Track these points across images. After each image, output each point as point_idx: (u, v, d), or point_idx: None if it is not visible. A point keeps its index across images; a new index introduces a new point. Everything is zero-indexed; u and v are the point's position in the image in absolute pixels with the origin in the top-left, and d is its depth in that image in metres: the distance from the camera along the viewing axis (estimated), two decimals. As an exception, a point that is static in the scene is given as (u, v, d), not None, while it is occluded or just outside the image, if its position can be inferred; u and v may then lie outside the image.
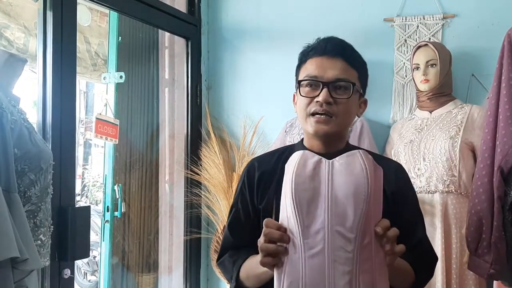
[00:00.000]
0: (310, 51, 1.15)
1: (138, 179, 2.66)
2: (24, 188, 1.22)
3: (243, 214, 1.20)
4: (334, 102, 1.09)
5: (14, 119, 1.18)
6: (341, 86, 1.10)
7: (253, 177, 1.18)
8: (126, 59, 2.65)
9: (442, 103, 2.02)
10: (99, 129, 2.03)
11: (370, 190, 0.90)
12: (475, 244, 1.38)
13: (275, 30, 2.53)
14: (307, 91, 1.11)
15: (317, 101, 1.09)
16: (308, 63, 1.14)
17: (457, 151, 1.89)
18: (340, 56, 1.11)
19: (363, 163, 0.93)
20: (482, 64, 2.11)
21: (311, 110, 1.10)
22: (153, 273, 2.68)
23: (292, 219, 0.93)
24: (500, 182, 1.33)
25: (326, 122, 1.09)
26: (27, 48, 2.59)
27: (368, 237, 0.90)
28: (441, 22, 2.21)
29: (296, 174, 0.93)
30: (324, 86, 1.09)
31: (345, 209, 0.90)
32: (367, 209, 0.89)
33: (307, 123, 1.11)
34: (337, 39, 1.17)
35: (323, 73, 1.10)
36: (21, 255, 1.10)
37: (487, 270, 1.36)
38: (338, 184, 0.92)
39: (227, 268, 1.20)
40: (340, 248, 0.89)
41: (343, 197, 0.90)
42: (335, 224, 0.90)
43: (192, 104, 2.62)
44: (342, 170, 0.93)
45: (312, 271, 0.90)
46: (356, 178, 0.91)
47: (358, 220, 0.89)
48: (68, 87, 1.79)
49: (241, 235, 1.20)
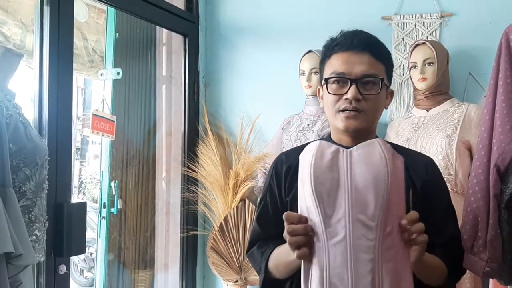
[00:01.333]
0: (335, 45, 1.12)
1: (135, 175, 2.66)
2: (19, 183, 1.22)
3: (271, 207, 1.20)
4: (363, 98, 1.08)
5: (9, 114, 1.18)
6: (369, 82, 1.09)
7: (281, 170, 1.19)
8: (123, 55, 2.65)
9: (439, 101, 2.02)
10: (96, 125, 2.03)
11: (390, 178, 0.90)
12: (470, 242, 1.38)
13: (273, 28, 2.53)
14: (335, 88, 1.10)
15: (346, 99, 1.07)
16: (334, 59, 1.11)
17: (454, 150, 1.89)
18: (366, 51, 1.10)
19: (382, 152, 0.92)
20: (479, 63, 2.12)
21: (340, 107, 1.09)
22: (149, 269, 2.67)
23: (313, 210, 0.93)
24: (496, 180, 1.33)
25: (355, 117, 1.08)
26: (24, 44, 2.58)
27: (390, 226, 0.90)
28: (438, 21, 2.21)
29: (315, 165, 0.93)
30: (352, 83, 1.07)
31: (365, 197, 0.90)
32: (388, 197, 0.89)
33: (336, 119, 1.10)
34: (363, 33, 1.15)
35: (351, 70, 1.08)
36: (16, 250, 1.10)
37: (483, 268, 1.36)
38: (357, 173, 0.92)
39: (256, 259, 1.21)
40: (362, 237, 0.89)
41: (363, 186, 0.91)
42: (356, 213, 0.90)
43: (190, 101, 2.62)
44: (361, 159, 0.93)
45: (335, 260, 0.91)
46: (375, 167, 0.91)
47: (379, 208, 0.89)
48: (64, 82, 1.78)
49: (269, 227, 1.20)
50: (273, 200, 1.21)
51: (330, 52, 1.13)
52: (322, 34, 2.45)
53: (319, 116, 2.22)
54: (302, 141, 2.19)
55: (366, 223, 0.90)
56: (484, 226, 1.36)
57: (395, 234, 0.91)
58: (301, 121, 2.26)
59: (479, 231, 1.37)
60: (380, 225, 0.89)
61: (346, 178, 0.92)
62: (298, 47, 2.26)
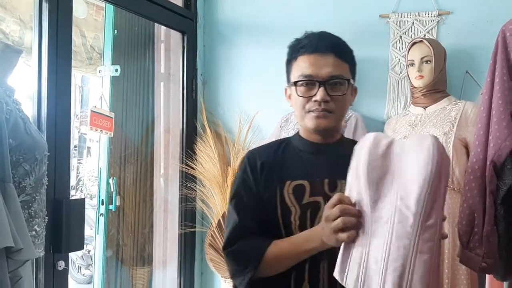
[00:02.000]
0: (301, 47, 1.16)
1: (133, 173, 2.66)
2: (19, 178, 1.23)
3: (249, 201, 1.18)
4: (331, 99, 1.12)
5: (9, 110, 1.18)
6: (337, 83, 1.13)
7: (255, 166, 1.18)
8: (121, 52, 2.65)
9: (436, 99, 2.03)
10: (94, 122, 2.03)
11: (435, 173, 0.91)
12: (466, 238, 1.39)
13: (271, 25, 2.54)
14: (304, 91, 1.14)
15: (315, 100, 1.12)
16: (300, 61, 1.15)
17: (451, 147, 1.90)
18: (331, 52, 1.14)
19: (432, 147, 0.93)
20: (476, 61, 2.13)
21: (310, 108, 1.13)
22: (147, 266, 2.68)
23: (364, 194, 0.97)
24: (492, 176, 1.35)
25: (325, 117, 1.13)
26: (23, 41, 2.58)
27: (432, 219, 0.92)
28: (436, 19, 2.22)
29: (370, 153, 0.97)
30: (320, 85, 1.11)
31: (410, 187, 0.92)
32: (431, 190, 0.91)
33: (306, 119, 1.15)
34: (327, 35, 1.18)
35: (318, 72, 1.12)
36: (16, 245, 1.10)
37: (479, 263, 1.37)
38: (406, 163, 0.95)
39: (245, 256, 1.13)
40: (400, 223, 0.92)
41: (410, 175, 0.93)
42: (399, 199, 0.93)
43: (188, 99, 2.62)
44: (411, 151, 0.95)
45: (374, 243, 0.94)
46: (423, 160, 0.92)
47: (422, 198, 0.91)
48: (63, 79, 1.79)
49: (250, 221, 1.16)
50: (248, 194, 1.18)
51: (296, 54, 1.16)
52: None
53: (317, 113, 2.23)
54: (300, 138, 2.20)
55: (407, 211, 0.92)
56: (480, 222, 1.38)
57: (437, 229, 0.93)
58: (299, 118, 2.27)
59: (475, 227, 1.38)
60: (421, 215, 0.91)
61: (396, 166, 0.96)
62: (295, 45, 2.27)
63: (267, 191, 1.15)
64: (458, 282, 1.86)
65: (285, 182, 1.14)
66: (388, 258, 0.92)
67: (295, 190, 1.14)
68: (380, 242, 0.93)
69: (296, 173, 1.15)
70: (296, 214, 1.12)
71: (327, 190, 1.14)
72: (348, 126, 2.16)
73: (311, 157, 1.18)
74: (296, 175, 1.15)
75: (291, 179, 1.15)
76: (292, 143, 1.23)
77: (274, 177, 1.16)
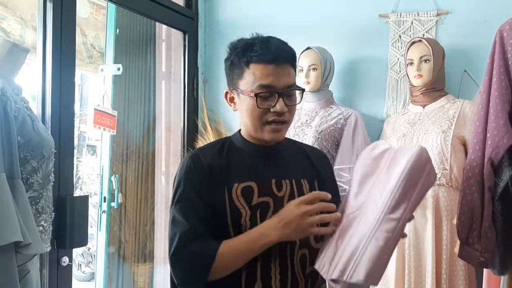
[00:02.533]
0: (256, 55, 1.12)
1: (135, 170, 2.69)
2: (27, 175, 1.25)
3: (197, 204, 1.12)
4: (288, 109, 1.13)
5: (17, 108, 1.21)
6: (293, 93, 1.14)
7: (202, 168, 1.14)
8: (123, 51, 2.67)
9: (435, 98, 2.06)
10: (98, 120, 2.05)
11: (408, 176, 1.00)
12: (465, 233, 1.42)
13: (271, 25, 2.54)
14: (262, 102, 1.11)
15: (275, 111, 1.11)
16: (257, 69, 1.12)
17: (449, 145, 1.93)
18: (288, 63, 1.14)
19: (414, 155, 1.01)
20: (474, 61, 2.16)
21: (269, 119, 1.13)
22: (149, 263, 2.71)
23: (351, 188, 1.10)
24: (490, 173, 1.38)
25: (281, 130, 1.15)
26: (24, 39, 2.59)
27: (396, 215, 1.00)
28: (435, 18, 2.25)
29: (363, 153, 1.11)
30: (279, 96, 1.11)
31: (387, 185, 1.02)
32: (402, 190, 1.00)
33: (262, 131, 1.14)
34: (283, 43, 1.17)
35: (277, 82, 1.11)
36: (25, 239, 1.12)
37: (477, 258, 1.41)
38: (392, 166, 1.04)
39: (197, 258, 1.07)
40: (369, 211, 1.02)
41: (392, 177, 1.02)
42: (377, 194, 1.03)
43: (189, 97, 2.64)
44: (398, 157, 1.04)
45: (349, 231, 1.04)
46: (402, 165, 1.01)
47: (391, 194, 1.00)
48: (67, 78, 1.80)
49: (199, 224, 1.10)
50: (195, 197, 1.12)
51: (249, 60, 1.13)
52: (320, 32, 2.50)
53: (317, 112, 2.25)
54: (300, 136, 2.22)
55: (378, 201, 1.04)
56: (478, 218, 1.41)
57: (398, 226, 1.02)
58: (299, 117, 2.29)
59: (473, 223, 1.41)
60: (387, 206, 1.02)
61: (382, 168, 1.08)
62: (296, 44, 2.26)
63: (215, 193, 1.12)
64: (456, 278, 1.89)
65: (233, 184, 1.13)
66: (350, 240, 1.01)
67: (243, 192, 1.13)
68: (352, 228, 1.03)
69: (243, 175, 1.14)
70: (246, 216, 1.11)
71: (275, 190, 1.15)
72: (348, 124, 2.19)
73: (256, 158, 1.18)
74: (243, 176, 1.14)
75: (238, 181, 1.13)
76: (235, 144, 1.22)
77: (222, 179, 1.13)
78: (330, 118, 2.22)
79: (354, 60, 2.40)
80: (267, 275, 1.11)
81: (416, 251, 1.93)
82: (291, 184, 1.17)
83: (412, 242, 1.93)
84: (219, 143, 1.23)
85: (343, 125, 2.19)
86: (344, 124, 2.19)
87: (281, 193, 1.15)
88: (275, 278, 1.12)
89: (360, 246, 0.98)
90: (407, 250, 1.94)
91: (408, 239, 1.94)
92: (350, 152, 2.15)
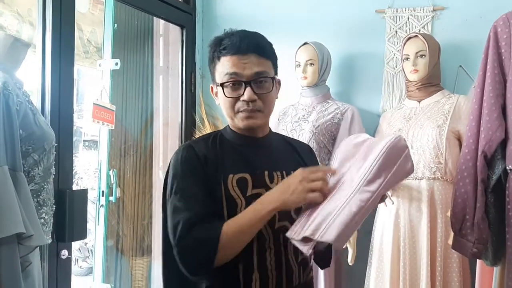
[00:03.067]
0: (223, 49, 1.16)
1: (133, 165, 2.70)
2: (28, 168, 1.26)
3: (197, 191, 1.12)
4: (258, 97, 1.15)
5: (19, 101, 1.22)
6: (262, 81, 1.16)
7: (199, 158, 1.16)
8: (121, 46, 2.67)
9: (431, 93, 2.08)
10: (96, 115, 2.07)
11: (384, 156, 1.08)
12: (459, 225, 1.45)
13: (269, 20, 2.57)
14: (231, 91, 1.15)
15: (243, 100, 1.14)
16: (224, 61, 1.16)
17: (444, 140, 1.95)
18: (253, 53, 1.16)
19: (392, 139, 1.10)
20: (469, 56, 2.18)
21: (240, 108, 1.16)
22: (146, 257, 2.73)
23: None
24: (483, 166, 1.41)
25: (254, 117, 1.16)
26: (20, 34, 2.59)
27: (371, 188, 1.07)
28: (431, 14, 2.27)
29: (344, 141, 1.20)
30: (246, 85, 1.14)
31: (363, 164, 1.10)
32: (378, 167, 1.08)
33: (236, 119, 1.18)
34: (248, 34, 1.20)
35: (242, 71, 1.14)
36: (27, 231, 1.14)
37: (470, 249, 1.43)
38: (370, 150, 1.11)
39: (202, 239, 1.06)
40: (348, 183, 1.09)
41: (369, 158, 1.10)
42: (352, 172, 1.10)
43: (186, 92, 2.65)
44: (377, 143, 1.12)
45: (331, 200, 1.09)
46: (380, 148, 1.09)
47: (369, 169, 1.08)
48: (66, 74, 1.82)
49: (205, 209, 1.10)
50: (196, 185, 1.13)
51: (219, 54, 1.18)
52: (318, 27, 2.52)
53: (314, 107, 2.27)
54: (297, 131, 2.24)
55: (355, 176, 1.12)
56: (471, 209, 1.44)
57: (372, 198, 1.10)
58: (297, 111, 2.31)
59: (467, 214, 1.44)
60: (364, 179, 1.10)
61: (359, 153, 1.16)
62: (293, 39, 2.31)
63: (211, 183, 1.14)
64: (450, 270, 1.92)
65: (228, 176, 1.15)
66: (324, 206, 1.06)
67: (238, 183, 1.15)
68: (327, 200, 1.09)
69: (237, 166, 1.16)
70: (242, 206, 1.13)
71: (268, 182, 1.18)
72: (345, 119, 2.21)
73: (248, 151, 1.21)
74: (237, 168, 1.16)
75: (233, 172, 1.15)
76: (225, 136, 1.24)
77: (218, 169, 1.15)
78: (327, 113, 2.24)
79: (351, 55, 2.43)
80: (264, 265, 1.14)
81: (411, 243, 1.96)
82: (282, 175, 1.20)
83: (407, 235, 1.96)
84: (210, 136, 1.25)
85: (340, 120, 2.21)
86: (340, 119, 2.22)
87: (273, 184, 1.17)
88: (271, 267, 1.15)
89: (335, 211, 1.03)
90: (402, 242, 1.97)
91: (403, 232, 1.97)
92: (346, 147, 2.18)
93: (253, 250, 1.13)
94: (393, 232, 2.00)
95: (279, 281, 1.15)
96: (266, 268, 1.14)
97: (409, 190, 2.00)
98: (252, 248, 1.13)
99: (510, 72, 1.37)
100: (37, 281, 1.34)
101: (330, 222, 1.02)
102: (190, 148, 1.18)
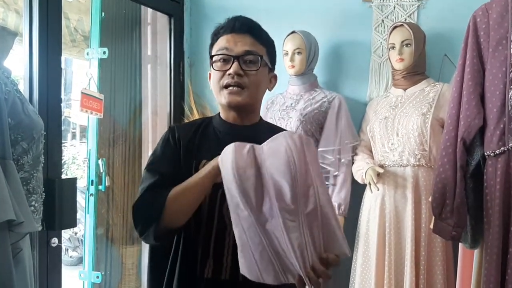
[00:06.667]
0: (221, 29, 1.22)
1: (122, 154, 2.70)
2: (17, 156, 1.27)
3: (167, 166, 1.17)
4: (245, 73, 1.17)
5: (8, 90, 1.23)
6: (250, 60, 1.19)
7: (174, 139, 1.21)
8: (108, 35, 2.66)
9: (416, 81, 2.12)
10: (85, 104, 2.07)
11: (296, 166, 0.97)
12: (439, 209, 1.50)
13: (256, 8, 2.57)
14: (220, 66, 1.19)
15: (229, 74, 1.17)
16: (219, 40, 1.22)
17: (428, 127, 1.99)
18: (247, 33, 1.20)
19: (287, 144, 1.00)
20: (454, 45, 2.21)
21: (224, 82, 1.18)
22: (137, 245, 2.75)
23: (241, 206, 1.00)
24: (462, 152, 1.45)
25: (238, 93, 1.18)
26: (6, 23, 2.56)
27: (311, 205, 0.98)
28: (416, 3, 2.30)
29: (236, 166, 1.00)
30: (234, 59, 1.17)
31: (281, 186, 0.98)
32: (298, 182, 0.97)
33: (221, 95, 1.20)
34: (245, 18, 1.24)
35: (233, 47, 1.18)
36: (17, 218, 1.16)
37: (449, 232, 1.48)
38: (270, 166, 0.99)
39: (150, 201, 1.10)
40: (287, 221, 0.97)
41: (278, 176, 0.98)
42: (279, 201, 0.98)
43: (175, 81, 2.66)
44: (270, 153, 1.01)
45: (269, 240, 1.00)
46: (282, 159, 0.98)
47: (293, 193, 0.97)
48: (53, 63, 1.83)
49: (167, 177, 1.14)
50: (166, 161, 1.18)
51: (217, 36, 1.23)
52: (305, 16, 2.53)
53: (302, 95, 2.30)
54: (285, 119, 2.27)
55: (288, 209, 0.98)
56: (451, 194, 1.48)
57: (319, 211, 1.00)
58: (285, 100, 2.34)
59: (447, 199, 1.49)
60: (299, 207, 0.98)
61: (264, 172, 1.00)
62: (281, 28, 2.32)
63: (183, 165, 1.18)
64: (434, 254, 1.97)
65: (201, 161, 1.17)
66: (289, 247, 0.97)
67: None
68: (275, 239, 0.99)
69: (212, 153, 1.14)
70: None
71: None
72: (332, 107, 2.24)
73: (227, 138, 1.18)
74: (211, 154, 1.14)
75: (207, 158, 1.15)
76: (213, 123, 1.27)
77: (192, 153, 1.19)
78: (315, 101, 2.26)
79: (338, 44, 2.45)
80: (220, 252, 1.15)
81: (396, 229, 2.01)
82: None
83: (392, 221, 2.01)
84: (200, 121, 1.30)
85: (327, 108, 2.24)
86: (328, 107, 2.25)
87: None
88: (227, 255, 1.16)
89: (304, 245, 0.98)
90: (387, 228, 2.02)
91: (388, 218, 2.02)
92: (334, 135, 2.21)
93: (211, 237, 1.15)
94: (379, 218, 2.05)
95: (233, 270, 1.13)
96: (222, 255, 1.16)
97: (395, 177, 2.05)
98: (210, 235, 1.15)
99: (488, 61, 1.40)
100: (28, 268, 1.36)
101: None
102: (172, 130, 1.24)
